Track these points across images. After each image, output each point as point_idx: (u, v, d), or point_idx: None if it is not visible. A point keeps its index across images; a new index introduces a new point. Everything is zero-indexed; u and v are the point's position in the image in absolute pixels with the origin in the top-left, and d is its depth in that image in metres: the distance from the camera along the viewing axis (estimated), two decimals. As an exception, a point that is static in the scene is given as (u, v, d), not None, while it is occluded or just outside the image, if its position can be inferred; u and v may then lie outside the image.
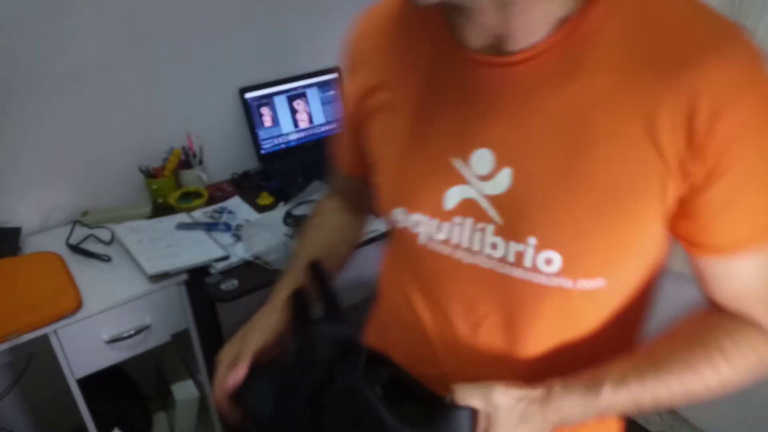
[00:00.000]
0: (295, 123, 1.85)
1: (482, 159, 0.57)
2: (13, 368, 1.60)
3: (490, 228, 0.57)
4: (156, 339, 1.39)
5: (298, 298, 0.61)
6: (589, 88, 0.51)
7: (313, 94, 1.87)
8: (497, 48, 0.54)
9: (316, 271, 0.62)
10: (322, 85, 1.88)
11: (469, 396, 0.54)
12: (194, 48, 1.62)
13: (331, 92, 1.91)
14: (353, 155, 0.76)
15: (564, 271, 0.54)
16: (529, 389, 0.56)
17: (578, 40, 0.51)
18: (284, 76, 1.81)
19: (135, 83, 1.56)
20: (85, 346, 1.28)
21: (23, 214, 1.51)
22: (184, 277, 1.36)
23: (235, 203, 1.64)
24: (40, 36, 1.38)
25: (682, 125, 0.48)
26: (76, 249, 1.42)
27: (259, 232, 1.46)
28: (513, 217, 0.56)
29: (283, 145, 1.84)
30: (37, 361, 1.54)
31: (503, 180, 0.56)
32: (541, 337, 0.61)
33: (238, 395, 0.60)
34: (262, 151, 1.80)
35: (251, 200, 1.65)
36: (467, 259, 0.60)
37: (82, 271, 1.35)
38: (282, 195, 1.65)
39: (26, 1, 1.34)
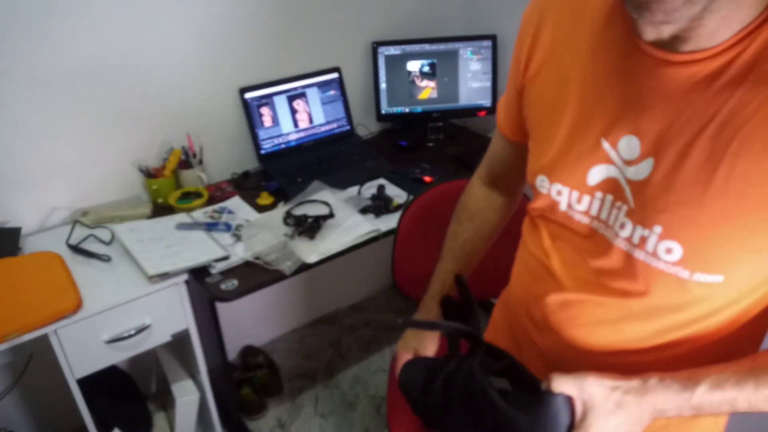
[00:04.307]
0: (295, 123, 1.85)
1: (629, 145, 0.60)
2: (13, 368, 1.60)
3: (624, 208, 0.62)
4: (156, 339, 1.40)
5: (446, 304, 0.79)
6: (752, 99, 0.52)
7: (312, 94, 1.87)
8: (668, 44, 0.55)
9: (460, 283, 0.77)
10: (322, 85, 1.88)
11: (563, 384, 0.58)
12: (195, 47, 1.63)
13: (331, 92, 1.91)
14: (511, 118, 0.81)
15: (682, 262, 0.58)
16: (624, 380, 0.59)
17: (752, 50, 0.52)
18: (284, 76, 1.81)
19: (135, 83, 1.57)
20: (85, 346, 1.28)
21: (23, 214, 1.51)
22: (184, 277, 1.36)
23: (235, 203, 1.64)
24: (40, 35, 1.38)
25: None
26: (76, 249, 1.42)
27: (259, 232, 1.46)
28: (645, 204, 0.60)
29: (283, 145, 1.84)
30: (37, 361, 1.54)
31: (644, 168, 0.59)
32: (650, 319, 0.64)
33: (399, 374, 0.76)
34: (262, 151, 1.80)
35: (251, 200, 1.65)
36: (602, 230, 0.65)
37: (82, 271, 1.35)
38: (282, 195, 1.65)
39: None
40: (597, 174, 0.64)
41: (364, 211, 1.55)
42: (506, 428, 0.61)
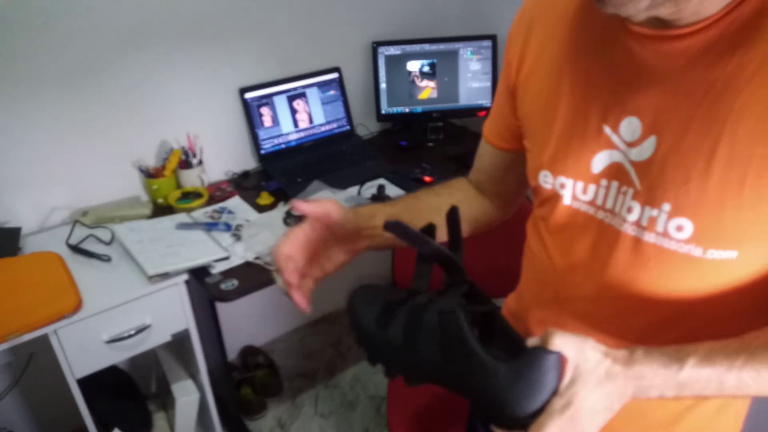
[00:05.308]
0: (295, 123, 1.85)
1: (630, 126, 0.60)
2: (13, 368, 1.60)
3: (630, 192, 0.61)
4: (156, 339, 1.39)
5: (426, 232, 0.61)
6: (747, 64, 0.52)
7: (312, 94, 1.87)
8: (660, 21, 0.55)
9: (452, 216, 0.63)
10: (322, 85, 1.89)
11: (565, 343, 0.53)
12: (194, 48, 1.63)
13: (331, 92, 1.91)
14: (501, 124, 0.80)
15: (694, 239, 0.57)
16: (613, 349, 0.56)
17: (743, 15, 0.52)
18: (284, 76, 1.81)
19: (135, 83, 1.57)
20: (85, 346, 1.28)
21: (23, 214, 1.51)
22: (184, 277, 1.36)
23: (235, 203, 1.64)
24: (40, 35, 1.38)
25: None
26: (76, 249, 1.42)
27: (259, 232, 1.46)
28: (651, 183, 0.59)
29: (282, 145, 1.84)
30: (37, 361, 1.54)
31: (648, 147, 0.59)
32: (662, 301, 0.63)
33: (350, 297, 0.64)
34: (262, 151, 1.80)
35: (251, 200, 1.65)
36: (608, 220, 0.64)
37: (82, 271, 1.35)
38: (282, 195, 1.65)
39: (25, 0, 1.34)
40: (601, 160, 0.64)
41: (364, 211, 1.55)
42: (478, 380, 0.53)
